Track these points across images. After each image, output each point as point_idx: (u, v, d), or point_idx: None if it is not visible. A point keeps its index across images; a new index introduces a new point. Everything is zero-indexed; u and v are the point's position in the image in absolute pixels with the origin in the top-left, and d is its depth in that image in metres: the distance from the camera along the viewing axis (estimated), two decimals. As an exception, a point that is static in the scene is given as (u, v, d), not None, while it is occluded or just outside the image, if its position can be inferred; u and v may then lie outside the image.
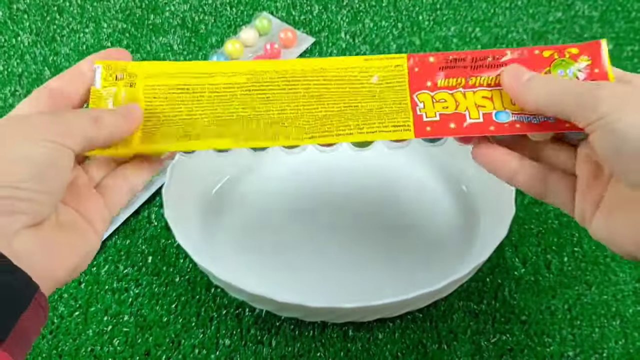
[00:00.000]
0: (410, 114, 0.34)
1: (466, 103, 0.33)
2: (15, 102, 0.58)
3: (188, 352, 0.43)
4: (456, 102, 0.34)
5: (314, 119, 0.34)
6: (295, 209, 0.49)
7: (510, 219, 0.41)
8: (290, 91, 0.35)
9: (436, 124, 0.33)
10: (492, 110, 0.33)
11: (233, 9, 0.66)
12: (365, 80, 0.35)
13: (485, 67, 0.34)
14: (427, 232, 0.47)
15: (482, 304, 0.45)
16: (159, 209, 0.50)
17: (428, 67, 0.34)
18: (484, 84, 0.34)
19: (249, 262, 0.45)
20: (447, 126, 0.33)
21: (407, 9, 0.66)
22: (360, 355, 0.43)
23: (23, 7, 0.67)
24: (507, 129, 0.33)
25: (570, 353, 0.42)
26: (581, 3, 0.66)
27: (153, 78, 0.35)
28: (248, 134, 0.34)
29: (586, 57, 0.33)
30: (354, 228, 0.47)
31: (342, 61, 0.35)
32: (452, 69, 0.34)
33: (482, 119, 0.33)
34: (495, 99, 0.34)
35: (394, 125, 0.33)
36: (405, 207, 0.49)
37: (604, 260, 0.47)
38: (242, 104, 0.35)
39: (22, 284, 0.27)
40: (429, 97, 0.34)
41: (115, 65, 0.35)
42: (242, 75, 0.35)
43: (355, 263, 0.45)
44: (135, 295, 0.45)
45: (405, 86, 0.34)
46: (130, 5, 0.67)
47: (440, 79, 0.34)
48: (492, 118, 0.33)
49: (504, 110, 0.33)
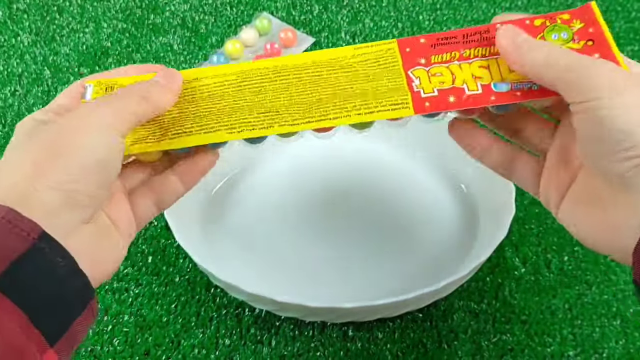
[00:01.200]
0: (407, 91, 0.33)
1: (463, 75, 0.33)
2: (15, 102, 0.58)
3: (188, 352, 0.43)
4: (452, 75, 0.33)
5: (308, 104, 0.33)
6: (295, 209, 0.49)
7: (510, 219, 0.41)
8: (282, 81, 0.34)
9: (435, 99, 0.33)
10: (490, 82, 0.33)
11: (233, 9, 0.66)
12: (358, 65, 0.34)
13: (477, 41, 0.34)
14: (427, 232, 0.47)
15: (482, 304, 0.45)
16: (158, 208, 0.50)
17: (419, 46, 0.34)
18: (478, 54, 0.33)
19: (248, 262, 0.45)
20: (446, 100, 0.32)
21: (407, 9, 0.66)
22: (360, 355, 0.43)
23: (23, 7, 0.67)
24: (507, 98, 0.32)
25: (570, 353, 0.42)
26: (581, 3, 0.66)
27: None
28: (242, 123, 0.34)
29: (578, 21, 0.33)
30: (353, 228, 0.47)
31: (332, 52, 0.35)
32: (444, 46, 0.34)
33: (481, 90, 0.32)
34: (493, 69, 0.33)
35: (392, 104, 0.33)
36: (406, 207, 0.49)
37: (604, 260, 0.47)
38: (234, 97, 0.34)
39: (81, 288, 0.27)
40: (424, 72, 0.33)
41: (106, 82, 0.35)
42: (232, 75, 0.35)
43: (356, 263, 0.45)
44: (135, 295, 0.45)
45: (399, 64, 0.34)
46: (130, 5, 0.67)
47: (434, 55, 0.34)
48: (491, 88, 0.32)
49: (501, 81, 0.33)
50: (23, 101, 0.58)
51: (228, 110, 0.34)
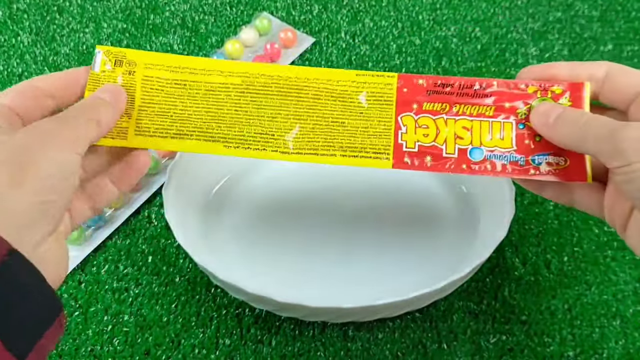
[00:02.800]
0: (391, 141, 0.35)
1: (446, 133, 0.35)
2: (15, 102, 0.58)
3: (188, 352, 0.43)
4: (437, 130, 0.35)
5: (302, 132, 0.35)
6: (295, 209, 0.49)
7: (510, 219, 0.41)
8: (283, 98, 0.36)
9: (414, 155, 0.35)
10: (469, 146, 0.35)
11: (233, 9, 0.66)
12: (355, 96, 0.36)
13: (470, 95, 0.35)
14: (426, 232, 0.47)
15: (482, 304, 0.45)
16: (159, 209, 0.50)
17: (416, 88, 0.36)
18: (466, 112, 0.35)
19: (249, 262, 0.45)
20: (423, 160, 0.35)
21: (407, 8, 0.66)
22: (360, 355, 0.43)
23: (23, 7, 0.67)
24: (477, 170, 0.35)
25: (570, 353, 0.42)
26: (581, 3, 0.66)
27: (152, 69, 0.36)
28: (239, 139, 0.35)
29: (567, 99, 0.34)
30: (353, 228, 0.47)
31: (334, 73, 0.36)
32: (439, 95, 0.35)
33: (457, 154, 0.35)
34: (474, 131, 0.35)
35: (375, 152, 0.35)
36: (405, 207, 0.49)
37: (604, 260, 0.47)
38: (236, 105, 0.36)
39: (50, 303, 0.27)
40: (413, 121, 0.35)
41: (116, 52, 0.36)
42: (237, 77, 0.36)
43: (355, 263, 0.45)
44: (135, 295, 0.45)
45: (393, 105, 0.36)
46: (130, 5, 0.67)
47: (426, 102, 0.35)
48: (467, 155, 0.35)
49: (479, 146, 0.35)
50: (23, 101, 0.58)
51: (228, 120, 0.36)
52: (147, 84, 0.36)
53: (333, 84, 0.36)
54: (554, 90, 0.35)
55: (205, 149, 0.35)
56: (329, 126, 0.35)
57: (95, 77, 0.35)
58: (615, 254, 0.47)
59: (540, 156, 0.34)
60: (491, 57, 0.61)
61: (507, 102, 0.35)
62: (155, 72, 0.36)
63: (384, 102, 0.36)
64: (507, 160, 0.35)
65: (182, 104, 0.35)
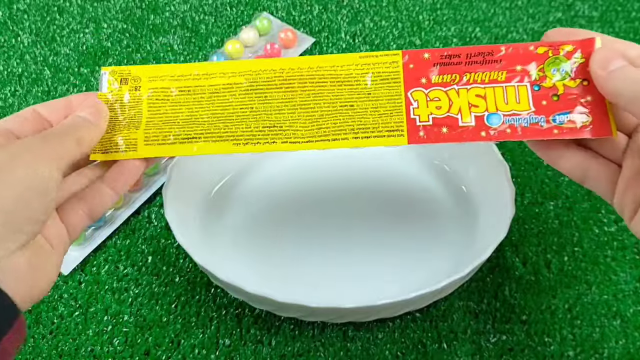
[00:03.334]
0: (404, 117, 0.34)
1: (459, 102, 0.34)
2: (15, 102, 0.58)
3: (188, 352, 0.43)
4: (450, 101, 0.34)
5: (311, 120, 0.35)
6: (295, 209, 0.49)
7: (510, 219, 0.41)
8: (288, 90, 0.35)
9: (429, 129, 0.34)
10: (485, 112, 0.34)
11: (233, 9, 0.66)
12: (361, 78, 0.35)
13: (479, 63, 0.34)
14: (427, 232, 0.47)
15: (482, 304, 0.45)
16: (159, 209, 0.50)
17: (423, 63, 0.35)
18: (477, 80, 0.34)
19: (249, 262, 0.45)
20: (439, 131, 0.34)
21: (407, 9, 0.66)
22: (360, 355, 0.43)
23: (23, 7, 0.67)
24: (497, 136, 0.34)
25: (570, 353, 0.42)
26: (581, 3, 0.66)
27: (156, 81, 0.36)
28: (248, 135, 0.35)
29: (580, 55, 0.34)
30: (353, 228, 0.47)
31: (338, 59, 0.36)
32: (447, 66, 0.35)
33: (474, 122, 0.34)
34: (489, 98, 0.34)
35: (388, 130, 0.34)
36: (405, 207, 0.49)
37: (604, 260, 0.47)
38: (241, 103, 0.36)
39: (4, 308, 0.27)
40: (423, 95, 0.34)
41: (121, 70, 0.37)
42: (240, 76, 0.36)
43: (355, 263, 0.45)
44: (135, 295, 0.45)
45: (400, 83, 0.35)
46: (130, 5, 0.67)
47: (435, 75, 0.35)
48: (484, 122, 0.34)
49: (496, 112, 0.34)
50: (23, 101, 0.58)
51: (235, 119, 0.36)
52: (153, 95, 0.36)
53: (337, 70, 0.35)
54: (564, 48, 0.34)
55: (215, 149, 0.35)
56: (338, 111, 0.35)
57: (104, 98, 0.36)
58: (615, 254, 0.47)
59: (561, 115, 0.33)
60: (491, 57, 0.61)
61: (519, 65, 0.34)
62: (160, 83, 0.36)
63: (392, 80, 0.35)
64: (527, 122, 0.33)
65: (188, 110, 0.36)
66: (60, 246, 0.33)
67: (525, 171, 0.52)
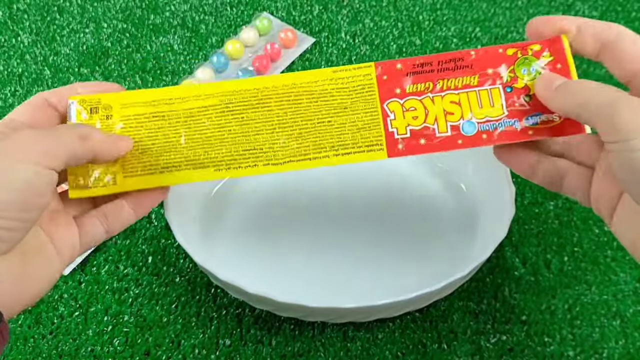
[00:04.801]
0: (382, 130, 0.35)
1: (435, 110, 0.35)
2: (15, 102, 0.58)
3: (188, 352, 0.43)
4: (425, 110, 0.35)
5: (290, 139, 0.35)
6: (295, 209, 0.49)
7: (510, 219, 0.41)
8: (265, 109, 0.35)
9: (407, 141, 0.34)
10: (460, 121, 0.34)
11: (233, 9, 0.66)
12: (336, 93, 0.35)
13: (451, 69, 0.35)
14: (427, 232, 0.47)
15: (482, 304, 0.45)
16: (159, 209, 0.50)
17: (396, 73, 0.35)
18: (451, 86, 0.35)
19: (249, 262, 0.45)
20: (418, 142, 0.34)
21: (407, 9, 0.66)
22: (360, 355, 0.43)
23: (23, 7, 0.67)
24: (473, 142, 0.34)
25: (570, 353, 0.42)
26: (581, 3, 0.66)
27: (129, 108, 0.35)
28: (229, 160, 0.35)
29: (548, 54, 0.34)
30: (353, 228, 0.47)
31: (311, 75, 0.35)
32: (420, 74, 0.35)
33: (449, 131, 0.34)
34: (463, 104, 0.35)
35: (367, 145, 0.34)
36: (405, 207, 0.49)
37: (604, 260, 0.47)
38: (218, 126, 0.35)
39: None
40: (399, 105, 0.35)
41: (90, 99, 0.35)
42: (215, 98, 0.35)
43: (355, 263, 0.45)
44: (135, 295, 0.45)
45: (375, 95, 0.35)
46: (130, 5, 0.67)
47: (409, 85, 0.35)
48: (460, 131, 0.34)
49: (470, 119, 0.34)
50: (23, 101, 0.58)
51: (214, 142, 0.35)
52: (126, 123, 0.35)
53: (312, 86, 0.35)
54: (532, 48, 0.34)
55: (197, 176, 0.34)
56: (316, 128, 0.35)
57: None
58: (615, 254, 0.47)
59: (534, 117, 0.34)
60: (491, 57, 0.61)
61: (490, 68, 0.35)
62: (132, 110, 0.35)
63: (367, 93, 0.35)
64: (502, 127, 0.34)
65: (164, 136, 0.35)
66: (67, 253, 0.32)
67: (525, 171, 0.52)
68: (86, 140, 0.30)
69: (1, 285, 0.27)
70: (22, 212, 0.27)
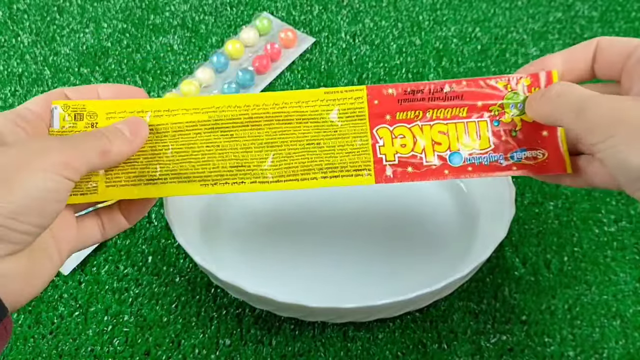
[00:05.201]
0: (370, 156, 0.35)
1: (423, 139, 0.35)
2: (15, 102, 0.58)
3: (188, 352, 0.43)
4: (414, 139, 0.35)
5: (278, 159, 0.35)
6: (296, 209, 0.49)
7: (510, 219, 0.41)
8: (254, 128, 0.35)
9: (395, 168, 0.35)
10: (447, 151, 0.35)
11: (233, 9, 0.66)
12: (326, 114, 0.35)
13: (442, 99, 0.35)
14: (427, 232, 0.47)
15: (482, 304, 0.45)
16: (159, 209, 0.50)
17: (387, 99, 0.35)
18: (440, 116, 0.35)
19: (249, 262, 0.45)
20: (405, 170, 0.35)
21: (407, 9, 0.66)
22: (360, 355, 0.43)
23: (23, 7, 0.67)
24: (459, 173, 0.35)
25: (570, 353, 0.42)
26: (581, 3, 0.66)
27: (115, 118, 0.34)
28: (216, 176, 0.34)
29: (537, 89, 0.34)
30: (353, 228, 0.47)
31: (302, 94, 0.35)
32: (410, 102, 0.35)
33: (437, 161, 0.35)
34: (451, 134, 0.35)
35: (356, 169, 0.35)
36: (405, 207, 0.49)
37: (604, 260, 0.47)
38: (206, 142, 0.35)
39: None
40: (388, 132, 0.35)
41: (75, 105, 0.34)
42: (204, 113, 0.35)
43: (355, 263, 0.45)
44: (135, 295, 0.45)
45: (366, 120, 0.35)
46: (130, 5, 0.67)
47: (399, 112, 0.35)
48: (447, 161, 0.35)
49: (458, 150, 0.35)
50: (23, 101, 0.58)
51: (201, 158, 0.35)
52: None
53: (302, 106, 0.35)
54: (521, 82, 0.34)
55: (182, 191, 0.34)
56: (305, 149, 0.35)
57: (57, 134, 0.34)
58: (615, 254, 0.47)
59: (518, 152, 0.34)
60: (491, 57, 0.61)
61: (480, 101, 0.35)
62: (119, 120, 0.34)
63: (357, 117, 0.35)
64: (487, 160, 0.35)
65: (151, 149, 0.34)
66: (65, 252, 0.32)
67: (525, 171, 0.52)
68: (106, 156, 0.31)
69: (11, 283, 0.28)
70: (38, 217, 0.28)
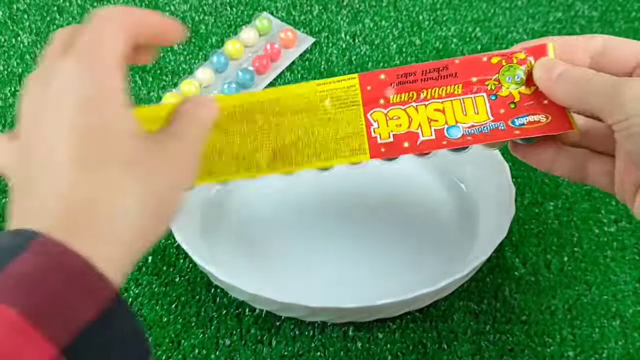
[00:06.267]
0: (365, 138, 0.35)
1: (419, 118, 0.34)
2: (15, 102, 0.58)
3: (188, 352, 0.43)
4: (409, 118, 0.35)
5: (273, 149, 0.35)
6: (295, 209, 0.49)
7: (510, 219, 0.41)
8: (249, 123, 0.35)
9: (390, 145, 0.34)
10: (444, 125, 0.34)
11: (233, 9, 0.66)
12: (320, 103, 0.35)
13: (435, 79, 0.35)
14: (427, 232, 0.47)
15: (482, 304, 0.45)
16: (159, 209, 0.50)
17: (380, 84, 0.35)
18: (435, 95, 0.35)
19: (249, 262, 0.45)
20: (400, 145, 0.34)
21: (407, 9, 0.66)
22: (360, 355, 0.43)
23: (23, 7, 0.67)
24: (459, 142, 0.34)
25: (570, 353, 0.42)
26: (581, 3, 0.66)
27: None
28: (211, 167, 0.34)
29: (533, 62, 0.34)
30: (353, 228, 0.48)
31: (295, 89, 0.35)
32: (404, 85, 0.35)
33: (434, 135, 0.34)
34: (447, 112, 0.34)
35: (350, 149, 0.35)
36: (405, 207, 0.49)
37: (604, 260, 0.47)
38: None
39: (140, 353, 0.26)
40: (383, 115, 0.35)
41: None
42: None
43: (355, 263, 0.46)
44: (135, 295, 0.45)
45: (359, 105, 0.35)
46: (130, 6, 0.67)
47: (392, 95, 0.35)
48: (444, 134, 0.34)
49: (455, 124, 0.34)
50: (23, 101, 0.58)
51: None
52: None
53: (296, 99, 0.35)
54: (517, 56, 0.34)
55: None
56: (300, 139, 0.35)
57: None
58: (615, 254, 0.47)
59: (520, 118, 0.34)
60: (491, 57, 0.61)
61: (474, 77, 0.34)
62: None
63: (351, 104, 0.35)
64: (487, 129, 0.34)
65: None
66: None
67: (525, 171, 0.52)
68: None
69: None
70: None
